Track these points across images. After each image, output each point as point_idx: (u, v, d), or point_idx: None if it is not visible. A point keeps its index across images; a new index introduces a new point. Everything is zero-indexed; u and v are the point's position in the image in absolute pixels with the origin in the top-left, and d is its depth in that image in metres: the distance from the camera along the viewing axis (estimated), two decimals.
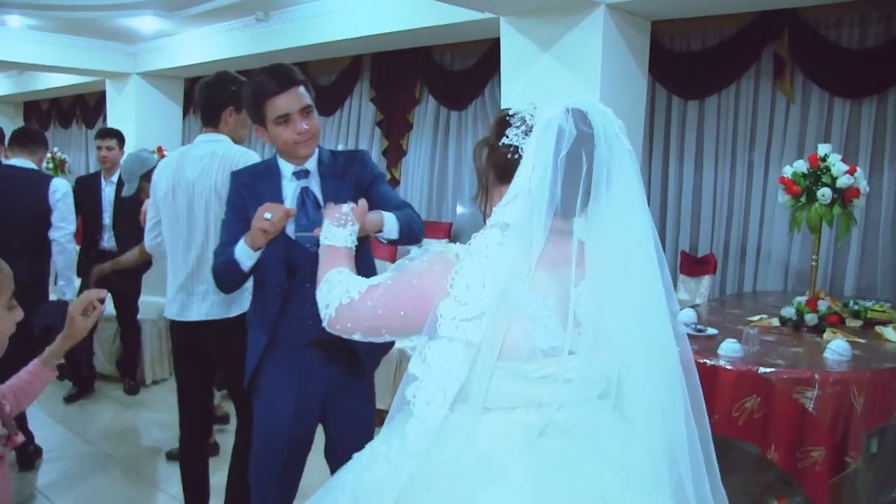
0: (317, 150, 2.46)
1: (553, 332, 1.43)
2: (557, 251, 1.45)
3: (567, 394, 1.45)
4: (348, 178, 2.46)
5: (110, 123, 10.00)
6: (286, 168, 2.43)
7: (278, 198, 2.38)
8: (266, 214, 2.18)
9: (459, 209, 7.46)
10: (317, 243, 2.10)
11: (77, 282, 4.53)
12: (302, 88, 2.35)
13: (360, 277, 1.66)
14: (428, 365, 1.45)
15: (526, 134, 1.48)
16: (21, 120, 13.68)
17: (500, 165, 1.52)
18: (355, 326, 1.58)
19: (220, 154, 2.96)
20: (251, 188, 2.42)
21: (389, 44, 7.12)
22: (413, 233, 2.41)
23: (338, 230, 1.86)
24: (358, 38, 6.76)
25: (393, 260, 5.44)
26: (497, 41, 5.34)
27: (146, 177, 4.04)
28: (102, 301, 2.03)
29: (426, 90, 7.58)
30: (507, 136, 1.50)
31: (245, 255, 2.28)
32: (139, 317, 5.39)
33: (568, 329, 1.43)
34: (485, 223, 1.55)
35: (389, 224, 2.30)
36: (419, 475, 1.44)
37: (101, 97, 10.22)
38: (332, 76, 8.42)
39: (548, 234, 1.42)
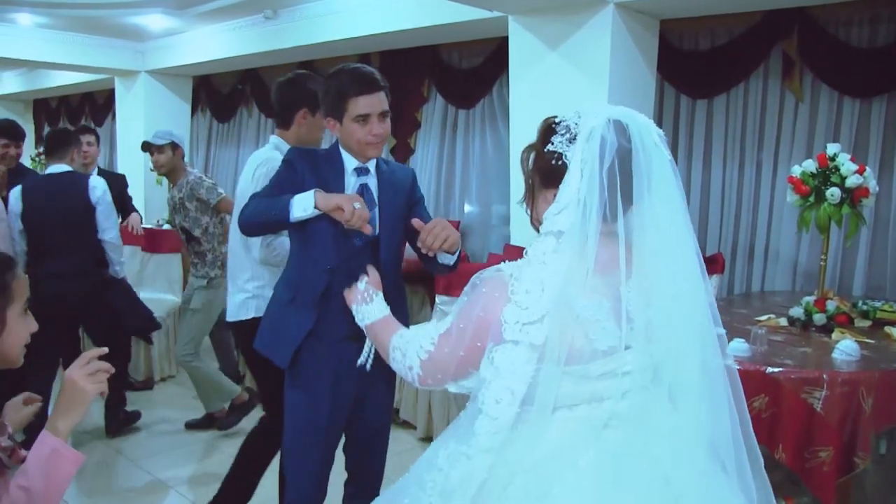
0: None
1: (610, 332, 1.53)
2: (605, 254, 1.53)
3: (626, 385, 1.56)
4: (404, 192, 2.57)
5: (119, 121, 10.04)
6: (349, 161, 2.48)
7: (341, 187, 2.44)
8: (356, 204, 2.24)
9: (467, 208, 7.46)
10: (364, 239, 2.33)
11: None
12: (384, 94, 2.44)
13: (421, 330, 1.75)
14: (496, 367, 1.54)
15: (570, 142, 1.56)
16: (30, 117, 13.72)
17: (544, 171, 1.61)
18: (445, 376, 1.67)
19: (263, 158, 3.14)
20: (315, 168, 2.45)
21: (397, 42, 7.12)
22: (458, 263, 2.51)
23: (368, 307, 2.00)
24: (366, 37, 6.76)
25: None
26: (505, 40, 5.34)
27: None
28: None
29: (434, 88, 7.58)
30: (553, 143, 1.58)
31: (304, 204, 2.28)
32: None
33: (623, 328, 1.53)
34: (533, 225, 1.67)
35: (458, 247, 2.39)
36: (495, 472, 1.53)
37: (109, 95, 10.25)
38: None
39: (599, 238, 1.51)
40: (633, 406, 1.56)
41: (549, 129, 1.61)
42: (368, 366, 2.34)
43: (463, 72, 7.28)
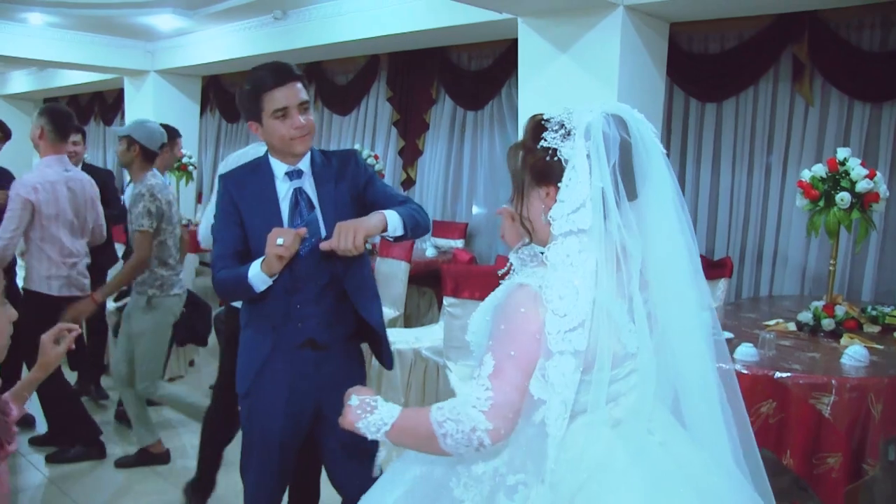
0: (309, 151, 2.42)
1: (632, 333, 1.52)
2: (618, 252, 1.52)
3: (633, 381, 1.57)
4: (343, 180, 2.42)
5: (128, 121, 10.06)
6: (278, 168, 2.38)
7: (272, 197, 2.36)
8: (279, 240, 2.15)
9: (475, 209, 7.45)
10: (306, 246, 2.24)
11: None
12: (300, 84, 2.33)
13: (462, 392, 1.65)
14: (551, 384, 1.47)
15: (564, 137, 1.51)
16: None
17: (537, 168, 1.55)
18: (516, 414, 1.51)
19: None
20: (242, 188, 2.38)
21: (406, 44, 7.13)
22: (418, 226, 2.38)
23: (377, 415, 1.62)
24: (375, 38, 6.77)
25: (408, 259, 5.44)
26: (514, 42, 5.33)
27: None
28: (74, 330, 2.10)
29: (443, 90, 7.59)
30: (545, 140, 1.52)
31: (260, 280, 2.24)
32: None
33: (637, 323, 1.53)
34: (523, 226, 1.60)
35: (393, 221, 2.28)
36: (557, 489, 1.48)
37: (119, 94, 10.30)
38: (348, 76, 8.44)
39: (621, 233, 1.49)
40: (641, 399, 1.57)
41: (538, 126, 1.56)
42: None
43: (472, 73, 7.29)
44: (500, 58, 6.85)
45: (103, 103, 12.35)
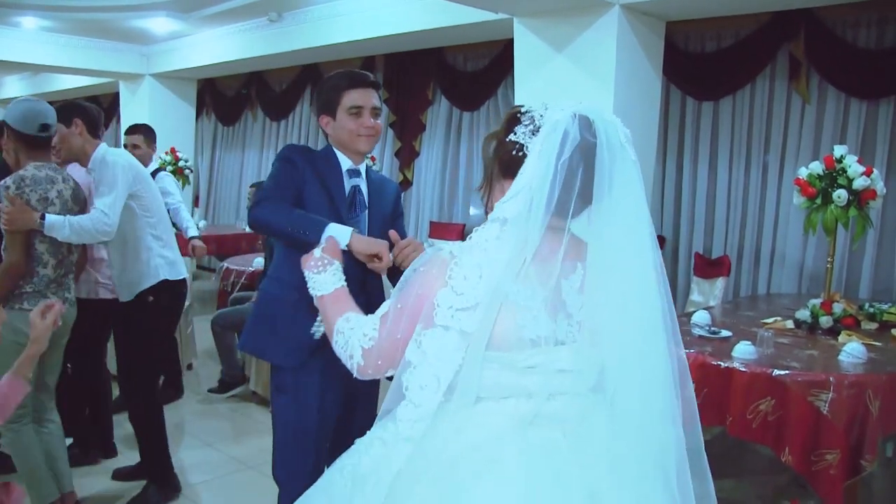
0: (365, 160, 2.60)
1: (542, 322, 1.48)
2: (550, 246, 1.49)
3: (557, 384, 1.50)
4: (389, 199, 2.63)
5: (124, 124, 10.04)
6: (343, 162, 2.53)
7: (340, 187, 2.49)
8: (376, 261, 2.29)
9: (472, 210, 7.45)
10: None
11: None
12: (376, 93, 2.53)
13: (366, 316, 1.66)
14: (423, 351, 1.48)
15: (533, 133, 1.52)
16: None
17: (504, 161, 1.57)
18: (385, 363, 1.58)
19: None
20: (314, 167, 2.49)
21: (402, 45, 7.13)
22: None
23: (320, 276, 1.80)
24: (371, 39, 6.77)
25: None
26: (510, 42, 5.33)
27: None
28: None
29: (439, 91, 7.59)
30: (515, 133, 1.54)
31: (341, 235, 2.25)
32: None
33: (559, 321, 1.50)
34: (486, 212, 1.62)
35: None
36: (412, 462, 1.48)
37: (114, 98, 10.29)
38: None
39: (544, 231, 1.46)
40: (566, 407, 1.50)
41: (513, 118, 1.57)
42: (317, 335, 2.37)
43: (468, 74, 7.29)
44: (496, 58, 6.85)
45: (99, 107, 12.32)
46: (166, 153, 7.95)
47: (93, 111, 3.58)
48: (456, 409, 1.48)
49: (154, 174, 5.03)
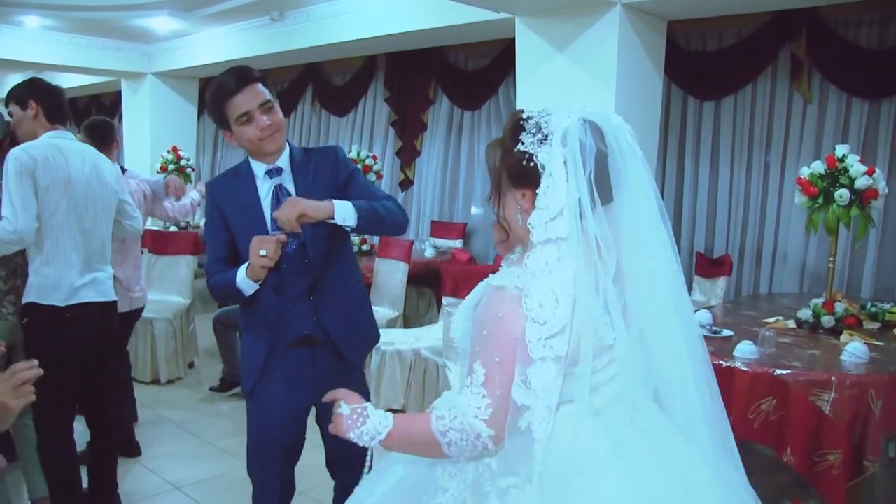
0: (287, 148, 2.47)
1: (608, 325, 1.54)
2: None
3: (613, 371, 1.57)
4: (323, 175, 2.45)
5: (125, 123, 10.06)
6: (258, 168, 2.44)
7: (254, 197, 2.41)
8: (261, 251, 2.19)
9: (474, 209, 7.46)
10: (294, 243, 2.31)
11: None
12: (260, 85, 2.37)
13: (455, 400, 1.57)
14: (534, 391, 1.48)
15: (541, 142, 1.52)
16: None
17: (514, 171, 1.56)
18: (507, 417, 1.52)
19: (100, 155, 3.18)
20: (226, 193, 2.44)
21: (404, 44, 7.12)
22: (382, 221, 2.39)
23: (371, 424, 1.62)
24: (372, 38, 6.76)
25: (407, 260, 5.44)
26: (511, 41, 5.33)
27: None
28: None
29: (440, 90, 7.59)
30: (523, 143, 1.53)
31: (247, 285, 2.32)
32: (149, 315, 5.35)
33: (613, 315, 1.54)
34: (500, 224, 1.63)
35: (342, 211, 2.27)
36: (543, 484, 1.50)
37: (116, 97, 10.30)
38: (346, 76, 8.44)
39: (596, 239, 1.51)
40: (622, 389, 1.57)
41: (517, 126, 1.57)
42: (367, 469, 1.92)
43: (469, 73, 7.29)
44: (497, 58, 6.85)
45: (101, 106, 12.33)
46: (168, 151, 7.95)
47: (55, 94, 3.13)
48: (573, 422, 1.54)
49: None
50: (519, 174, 1.55)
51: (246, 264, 2.28)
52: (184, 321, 5.64)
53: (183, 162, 7.93)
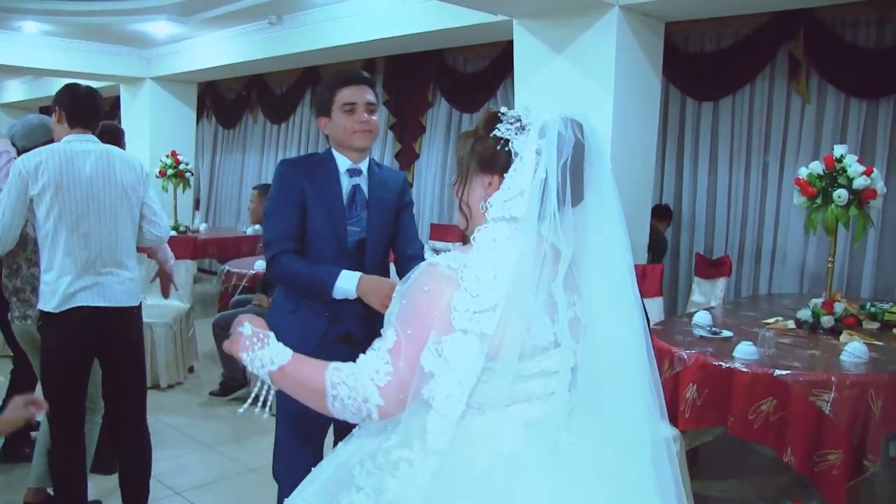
0: (368, 157, 2.62)
1: (546, 327, 1.50)
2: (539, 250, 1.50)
3: (553, 385, 1.53)
4: (392, 192, 2.63)
5: (125, 127, 10.03)
6: (342, 162, 2.55)
7: (337, 189, 2.53)
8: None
9: None
10: (355, 240, 2.48)
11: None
12: (370, 89, 2.55)
13: (362, 356, 1.52)
14: (445, 359, 1.44)
15: (519, 131, 1.52)
16: None
17: (484, 156, 1.56)
18: (405, 395, 1.48)
19: (116, 153, 3.12)
20: (311, 176, 2.53)
21: (402, 47, 7.13)
22: None
23: (268, 351, 1.62)
24: (371, 42, 6.76)
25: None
26: (509, 44, 5.33)
27: None
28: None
29: (439, 93, 7.59)
30: (499, 130, 1.54)
31: (344, 293, 2.40)
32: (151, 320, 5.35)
33: (556, 322, 1.51)
34: (461, 210, 1.62)
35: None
36: (441, 482, 1.43)
37: (115, 102, 10.30)
38: None
39: (559, 229, 1.47)
40: (558, 408, 1.52)
41: (493, 117, 1.57)
42: (266, 415, 1.86)
43: (468, 76, 7.29)
44: (495, 60, 6.85)
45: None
46: (167, 156, 7.95)
47: (77, 96, 3.15)
48: (488, 423, 1.48)
49: None
50: (490, 159, 1.55)
51: (356, 276, 2.39)
52: (183, 325, 5.63)
53: (182, 167, 7.92)
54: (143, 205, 3.19)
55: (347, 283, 2.39)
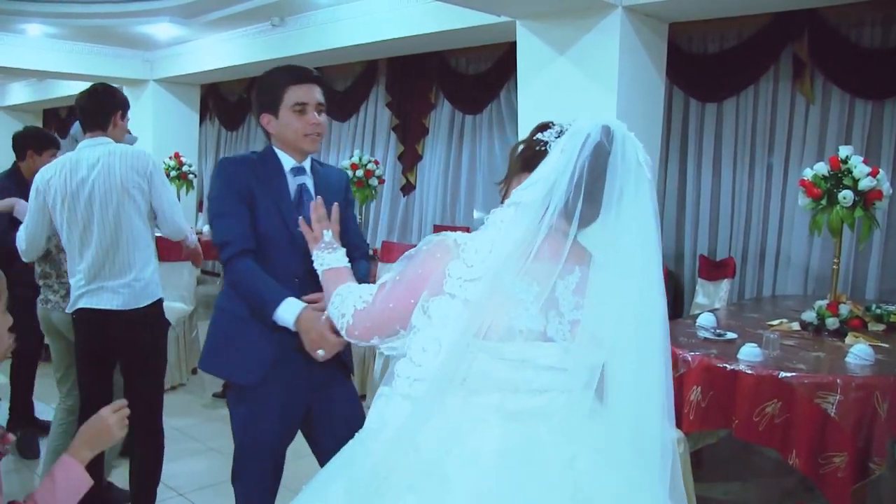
0: (310, 155, 2.49)
1: (532, 316, 1.52)
2: (553, 247, 1.52)
3: (546, 381, 1.54)
4: (336, 191, 2.47)
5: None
6: (286, 161, 2.43)
7: (285, 191, 2.39)
8: (319, 352, 2.20)
9: (476, 213, 7.44)
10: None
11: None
12: (320, 89, 2.41)
13: (368, 284, 1.75)
14: (428, 316, 1.54)
15: (558, 135, 1.58)
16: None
17: (526, 157, 1.63)
18: (373, 327, 1.66)
19: (118, 151, 3.07)
20: (258, 175, 2.39)
21: (405, 48, 7.13)
22: None
23: (330, 255, 2.01)
24: (373, 43, 6.77)
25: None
26: (512, 45, 5.33)
27: None
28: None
29: (441, 95, 7.59)
30: (543, 135, 1.61)
31: (285, 323, 2.25)
32: None
33: (550, 318, 1.53)
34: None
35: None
36: (402, 454, 1.50)
37: None
38: (347, 81, 8.44)
39: (552, 227, 1.50)
40: (552, 405, 1.54)
41: (541, 126, 1.64)
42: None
43: (470, 77, 7.29)
44: (498, 61, 6.84)
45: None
46: (170, 158, 7.96)
47: (80, 104, 3.23)
48: (443, 397, 1.52)
49: None
50: (529, 159, 1.60)
51: (299, 307, 2.24)
52: (187, 327, 5.63)
53: (185, 168, 7.93)
54: (152, 204, 3.17)
55: (288, 314, 2.23)
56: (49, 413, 4.43)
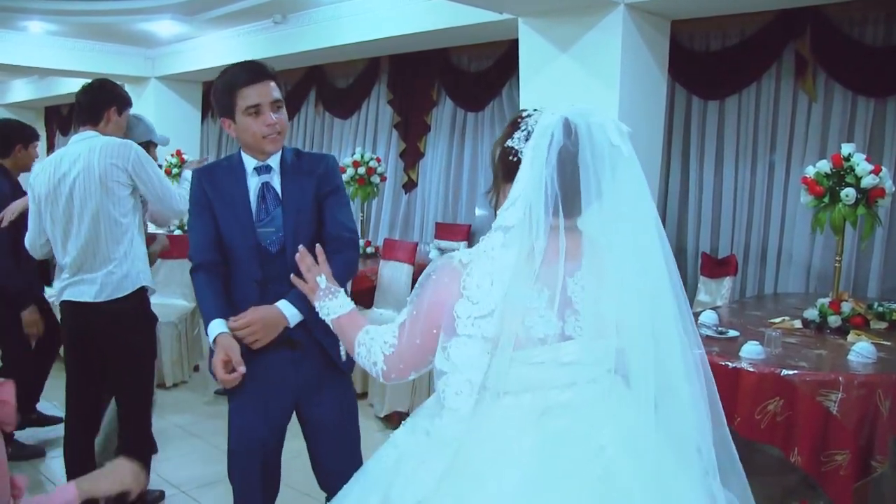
0: (281, 149, 2.45)
1: (548, 321, 1.55)
2: (552, 247, 1.54)
3: (566, 376, 1.57)
4: (311, 179, 2.44)
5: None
6: (249, 163, 2.43)
7: (242, 192, 2.39)
8: (218, 372, 2.29)
9: (478, 211, 7.44)
10: (278, 241, 2.32)
11: None
12: (274, 83, 2.37)
13: (385, 326, 1.76)
14: (452, 362, 1.56)
15: (525, 139, 1.58)
16: (42, 125, 13.80)
17: (505, 166, 1.64)
18: (407, 367, 1.71)
19: (99, 145, 3.05)
20: (214, 183, 2.42)
21: (407, 46, 7.12)
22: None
23: (333, 303, 1.96)
24: (375, 41, 6.76)
25: (412, 262, 5.43)
26: (514, 42, 5.32)
27: None
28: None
29: (443, 92, 7.58)
30: (512, 139, 1.61)
31: (213, 330, 2.33)
32: None
33: (566, 318, 1.56)
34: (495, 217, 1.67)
35: (290, 315, 2.33)
36: (456, 462, 1.55)
37: None
38: (349, 79, 8.44)
39: (547, 233, 1.52)
40: (578, 397, 1.57)
41: (514, 123, 1.63)
42: (343, 356, 2.38)
43: (472, 75, 7.28)
44: (500, 59, 6.84)
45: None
46: (172, 155, 7.96)
47: (79, 95, 3.26)
48: (486, 405, 1.57)
49: None
50: (507, 169, 1.62)
51: (218, 329, 2.32)
52: (188, 324, 5.64)
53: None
54: (140, 189, 3.16)
55: (212, 332, 2.32)
56: (50, 409, 4.47)
